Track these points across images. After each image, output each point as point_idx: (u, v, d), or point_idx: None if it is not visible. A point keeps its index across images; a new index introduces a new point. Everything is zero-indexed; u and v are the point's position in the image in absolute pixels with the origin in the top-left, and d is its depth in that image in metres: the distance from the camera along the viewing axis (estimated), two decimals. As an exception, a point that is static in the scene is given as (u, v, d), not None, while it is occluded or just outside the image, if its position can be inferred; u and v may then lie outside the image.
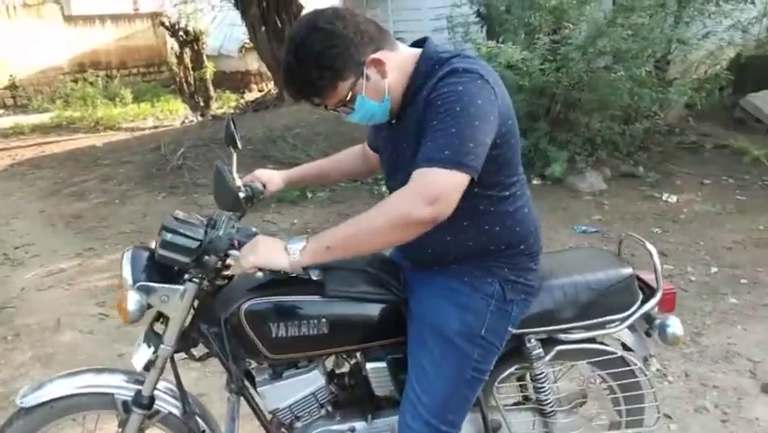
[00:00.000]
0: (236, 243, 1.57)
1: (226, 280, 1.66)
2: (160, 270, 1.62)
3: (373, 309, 1.68)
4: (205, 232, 1.58)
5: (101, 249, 5.04)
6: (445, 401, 1.63)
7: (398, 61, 1.52)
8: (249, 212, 1.84)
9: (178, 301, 1.60)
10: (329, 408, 1.80)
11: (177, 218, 1.60)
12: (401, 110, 1.56)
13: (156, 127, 11.03)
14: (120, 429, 1.75)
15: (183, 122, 11.43)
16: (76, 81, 14.43)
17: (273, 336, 1.61)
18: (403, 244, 1.62)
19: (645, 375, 1.85)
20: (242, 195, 1.65)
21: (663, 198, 5.35)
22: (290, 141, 7.76)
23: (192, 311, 1.66)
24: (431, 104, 1.42)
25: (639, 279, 1.85)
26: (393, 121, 1.60)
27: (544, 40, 5.29)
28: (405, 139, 1.53)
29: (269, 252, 1.46)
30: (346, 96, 1.50)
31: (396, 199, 1.40)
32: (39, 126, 11.28)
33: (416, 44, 1.61)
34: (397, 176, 1.58)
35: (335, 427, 1.78)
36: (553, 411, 1.86)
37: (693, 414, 2.64)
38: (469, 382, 1.65)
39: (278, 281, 1.53)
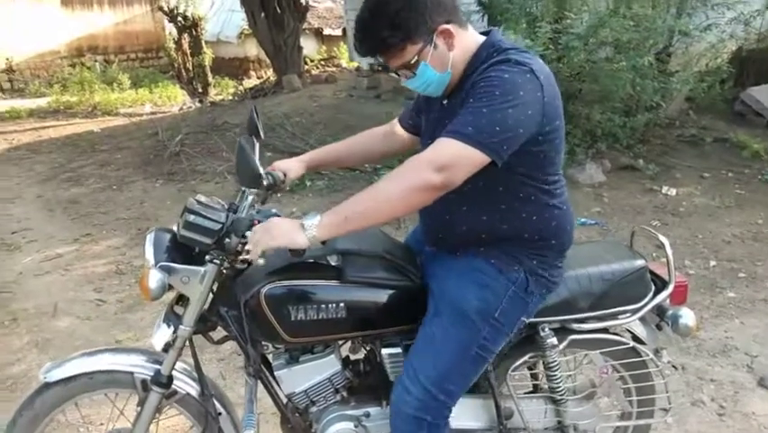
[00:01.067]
0: (257, 223, 1.58)
1: (246, 265, 1.65)
2: (181, 252, 1.64)
3: (390, 295, 1.70)
4: (227, 215, 1.60)
5: (98, 235, 5.03)
6: (447, 372, 1.64)
7: (465, 40, 1.55)
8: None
9: (198, 283, 1.61)
10: (344, 393, 1.82)
11: (199, 201, 1.62)
12: (454, 90, 1.59)
13: (154, 113, 10.98)
14: (138, 408, 1.77)
15: (181, 108, 11.39)
16: (73, 66, 14.37)
17: (292, 319, 1.63)
18: (434, 222, 1.69)
19: (657, 366, 1.88)
20: (264, 182, 1.65)
21: (663, 191, 5.35)
22: (289, 129, 7.72)
23: (211, 294, 1.68)
24: (475, 85, 1.46)
25: (651, 271, 1.87)
26: (444, 102, 1.63)
27: (546, 29, 5.26)
28: (449, 117, 1.52)
29: (286, 232, 1.45)
30: (411, 60, 1.52)
31: (407, 166, 1.42)
32: (36, 111, 11.22)
33: (483, 35, 1.64)
34: None
35: (350, 411, 1.80)
36: (564, 400, 1.88)
37: (690, 407, 2.65)
38: (473, 359, 1.66)
39: (297, 266, 1.53)
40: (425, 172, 1.38)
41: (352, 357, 1.90)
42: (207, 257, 1.60)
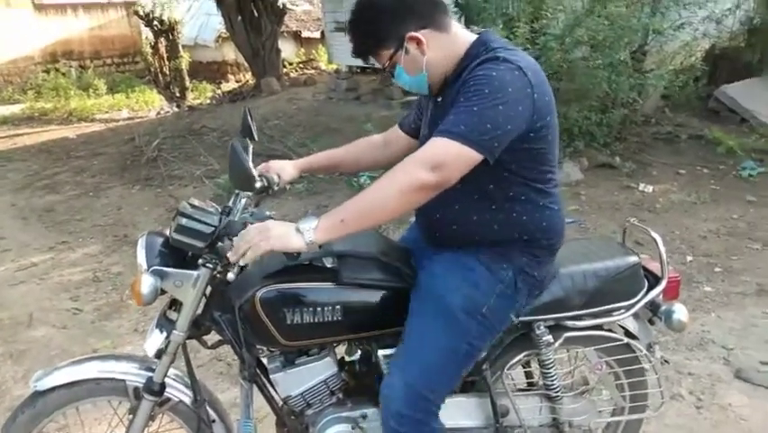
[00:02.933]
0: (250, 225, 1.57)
1: (239, 269, 1.63)
2: (173, 256, 1.63)
3: (386, 296, 1.70)
4: (220, 219, 1.59)
5: (74, 242, 4.95)
6: (433, 369, 1.64)
7: (446, 43, 1.58)
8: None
9: (191, 287, 1.59)
10: (340, 395, 1.81)
11: (192, 204, 1.61)
12: (446, 88, 1.62)
13: (131, 118, 10.87)
14: (131, 417, 1.74)
15: (158, 113, 11.29)
16: (48, 72, 14.16)
17: (288, 322, 1.62)
18: (427, 220, 1.71)
19: (650, 362, 1.89)
20: (257, 185, 1.64)
21: (640, 188, 5.40)
22: (267, 132, 7.68)
23: (205, 298, 1.66)
24: (465, 84, 1.49)
25: (643, 267, 1.88)
26: (439, 99, 1.66)
27: (523, 29, 5.29)
28: (443, 114, 1.55)
29: (281, 235, 1.43)
30: (385, 63, 1.61)
31: (402, 166, 1.44)
32: (9, 118, 11.05)
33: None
34: None
35: (347, 413, 1.79)
36: (559, 396, 1.89)
37: (669, 401, 2.67)
38: (461, 356, 1.67)
39: (292, 268, 1.52)
40: (420, 172, 1.40)
41: (347, 359, 1.89)
42: (200, 261, 1.58)
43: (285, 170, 1.90)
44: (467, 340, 1.65)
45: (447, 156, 1.41)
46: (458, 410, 1.79)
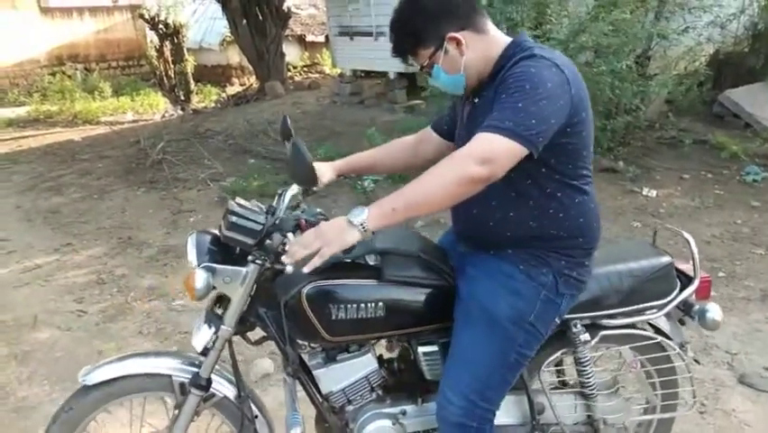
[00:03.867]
0: (303, 222, 1.60)
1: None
2: (222, 253, 1.66)
3: (427, 294, 1.73)
4: (266, 217, 1.63)
5: (79, 244, 4.97)
6: (486, 380, 1.67)
7: (483, 44, 1.62)
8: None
9: (239, 283, 1.63)
10: (379, 391, 1.84)
11: (239, 204, 1.65)
12: (483, 89, 1.65)
13: (136, 121, 10.91)
14: (176, 411, 1.77)
15: (163, 116, 11.32)
16: (53, 74, 14.20)
17: (333, 318, 1.65)
18: (463, 217, 1.73)
19: (683, 360, 1.92)
20: (323, 180, 1.68)
21: (644, 193, 5.40)
22: (272, 135, 7.71)
23: (249, 295, 1.68)
24: (504, 81, 1.52)
25: (675, 267, 1.92)
26: (476, 100, 1.68)
27: (528, 34, 5.30)
28: (481, 114, 1.59)
29: (338, 233, 1.47)
30: (424, 63, 1.65)
31: (452, 159, 1.46)
32: (15, 120, 11.09)
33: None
34: None
35: (386, 410, 1.82)
36: (594, 394, 1.91)
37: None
38: (511, 365, 1.69)
39: (336, 265, 1.55)
40: (470, 165, 1.42)
41: (386, 356, 1.93)
42: (250, 258, 1.61)
43: (323, 172, 1.90)
44: (515, 349, 1.68)
45: (496, 150, 1.43)
46: None
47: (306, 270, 1.49)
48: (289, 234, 1.57)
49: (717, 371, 2.92)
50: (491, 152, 1.43)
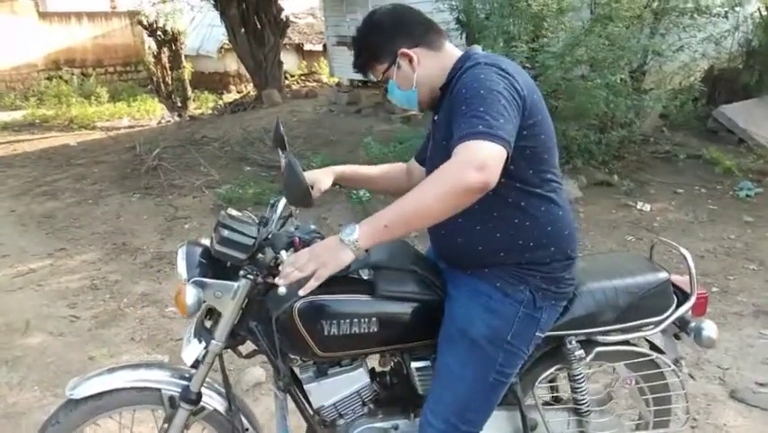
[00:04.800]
0: (297, 240, 1.58)
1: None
2: (212, 266, 1.65)
3: (420, 309, 1.71)
4: (258, 229, 1.61)
5: (73, 249, 4.96)
6: (467, 402, 1.65)
7: (436, 60, 1.67)
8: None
9: (230, 298, 1.61)
10: (371, 405, 1.82)
11: (230, 215, 1.63)
12: (439, 106, 1.69)
13: (132, 127, 10.91)
14: (165, 425, 1.75)
15: (159, 122, 11.33)
16: (50, 79, 14.22)
17: (325, 334, 1.63)
18: (435, 237, 1.74)
19: (678, 377, 1.90)
20: (312, 203, 1.64)
21: (638, 207, 5.42)
22: (268, 143, 7.71)
23: (240, 309, 1.67)
24: (457, 94, 1.52)
25: (672, 283, 1.89)
26: (436, 117, 1.72)
27: (523, 48, 5.34)
28: (440, 129, 1.63)
29: (333, 254, 1.46)
30: (379, 77, 1.72)
31: (444, 171, 1.41)
32: (10, 124, 11.09)
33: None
34: (432, 163, 1.63)
35: (379, 424, 1.81)
36: (588, 411, 1.90)
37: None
38: (491, 385, 1.67)
39: (329, 280, 1.53)
40: (465, 174, 1.37)
41: (379, 369, 1.90)
42: (241, 272, 1.60)
43: (320, 180, 1.91)
44: (495, 369, 1.65)
45: (486, 154, 1.38)
46: (488, 423, 1.78)
47: (301, 293, 1.49)
48: (282, 252, 1.56)
49: (708, 386, 2.92)
50: (483, 157, 1.37)
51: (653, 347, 1.92)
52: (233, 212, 1.66)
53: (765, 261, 4.31)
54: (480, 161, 1.37)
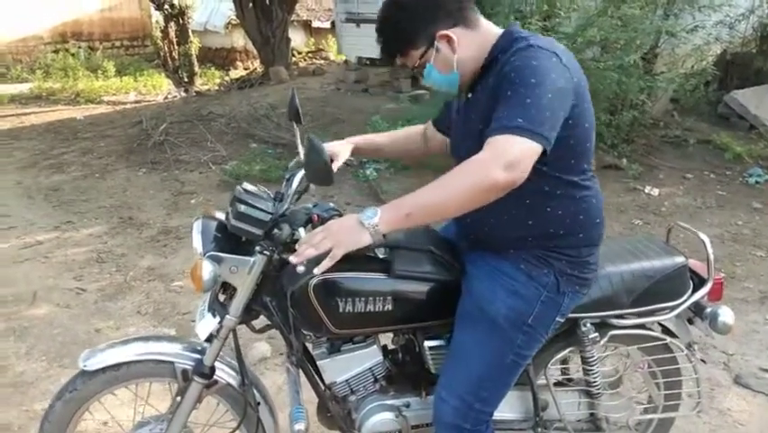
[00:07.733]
0: (316, 217, 1.57)
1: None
2: (227, 241, 1.63)
3: (435, 289, 1.70)
4: (274, 205, 1.60)
5: (79, 222, 4.97)
6: (482, 380, 1.64)
7: (476, 39, 1.57)
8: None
9: (246, 273, 1.60)
10: (383, 382, 1.83)
11: (246, 190, 1.61)
12: (476, 83, 1.60)
13: (138, 102, 10.87)
14: (178, 398, 1.76)
15: (166, 97, 11.28)
16: (57, 52, 14.15)
17: (339, 311, 1.63)
18: (466, 221, 1.67)
19: (691, 361, 1.90)
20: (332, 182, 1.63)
21: (646, 191, 5.40)
22: (275, 120, 7.68)
23: (256, 284, 1.67)
24: (505, 76, 1.44)
25: (689, 267, 1.88)
26: (469, 95, 1.64)
27: (535, 27, 5.28)
28: (476, 109, 1.56)
29: (350, 234, 1.44)
30: (416, 63, 1.60)
31: (472, 165, 1.39)
32: (17, 96, 11.06)
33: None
34: (464, 145, 1.59)
35: (390, 401, 1.81)
36: (599, 393, 1.90)
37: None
38: (508, 366, 1.66)
39: (345, 258, 1.52)
40: (493, 171, 1.34)
41: (390, 347, 1.90)
42: (257, 248, 1.59)
43: (339, 152, 1.85)
44: (513, 350, 1.64)
45: (518, 153, 1.34)
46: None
47: (316, 271, 1.48)
48: (300, 229, 1.55)
49: (713, 370, 2.92)
50: (513, 156, 1.34)
51: (667, 331, 1.91)
52: (250, 187, 1.64)
53: (773, 247, 4.29)
54: (509, 160, 1.34)
